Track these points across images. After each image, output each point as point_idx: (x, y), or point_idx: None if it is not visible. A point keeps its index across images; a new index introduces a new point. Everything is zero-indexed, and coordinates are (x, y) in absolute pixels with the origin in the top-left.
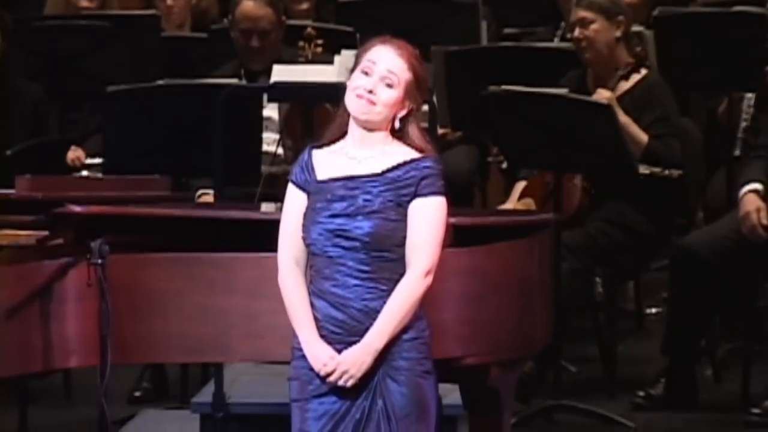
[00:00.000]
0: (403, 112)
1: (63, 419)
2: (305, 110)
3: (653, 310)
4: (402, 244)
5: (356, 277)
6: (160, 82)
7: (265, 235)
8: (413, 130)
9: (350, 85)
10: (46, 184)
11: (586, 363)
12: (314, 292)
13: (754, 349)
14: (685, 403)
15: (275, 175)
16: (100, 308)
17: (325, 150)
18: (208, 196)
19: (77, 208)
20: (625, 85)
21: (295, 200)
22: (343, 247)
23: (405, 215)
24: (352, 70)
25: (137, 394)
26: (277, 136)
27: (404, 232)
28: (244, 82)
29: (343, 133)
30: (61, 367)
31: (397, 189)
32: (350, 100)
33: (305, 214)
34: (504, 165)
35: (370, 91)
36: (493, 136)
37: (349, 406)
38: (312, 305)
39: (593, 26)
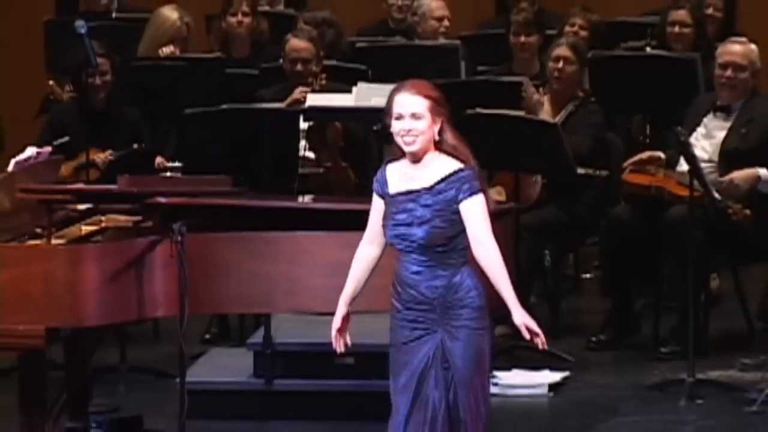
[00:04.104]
0: (437, 127)
1: (152, 355)
2: (320, 127)
3: (588, 275)
4: (449, 240)
5: (420, 266)
6: (224, 106)
7: (302, 218)
8: (449, 137)
9: (393, 130)
10: (139, 181)
11: (538, 314)
12: (400, 270)
13: (661, 304)
14: (629, 333)
15: (306, 174)
16: (179, 273)
17: (395, 165)
18: None
19: (162, 200)
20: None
21: (376, 204)
22: (407, 246)
23: (450, 219)
24: (388, 117)
25: (207, 336)
26: None
27: (450, 231)
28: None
29: (403, 152)
30: (151, 317)
31: (443, 199)
32: (398, 141)
33: (384, 217)
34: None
35: (408, 131)
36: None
37: (422, 354)
38: (400, 276)
39: (571, 68)
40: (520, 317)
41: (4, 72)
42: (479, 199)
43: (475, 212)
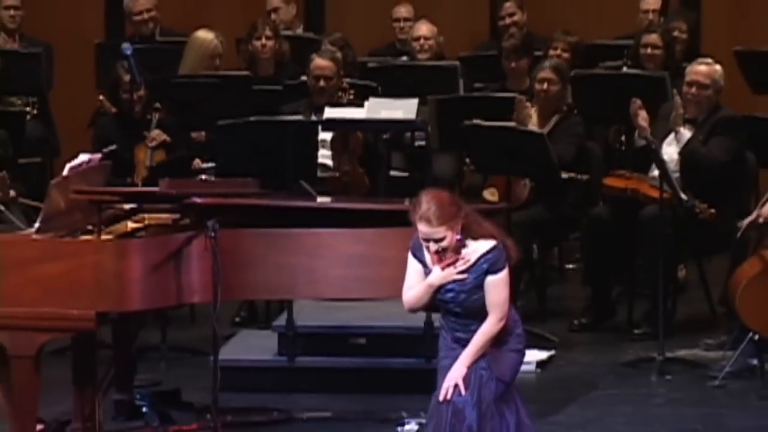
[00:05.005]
0: (459, 230)
1: (189, 336)
2: (345, 135)
3: (571, 266)
4: (485, 309)
5: (460, 326)
6: (252, 118)
7: (320, 216)
8: (472, 226)
9: (424, 246)
10: (178, 184)
11: (527, 299)
12: (443, 320)
13: (634, 291)
14: (607, 317)
15: (325, 178)
16: (213, 265)
17: None
18: None
19: (198, 200)
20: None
21: (414, 266)
22: (449, 310)
23: (483, 291)
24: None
25: (237, 319)
26: (328, 152)
27: (484, 301)
28: (313, 117)
29: None
30: (188, 302)
31: (478, 274)
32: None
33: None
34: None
35: (437, 251)
36: (467, 152)
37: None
38: (444, 325)
39: (554, 87)
40: (455, 370)
41: (61, 88)
42: (501, 277)
43: (494, 289)
